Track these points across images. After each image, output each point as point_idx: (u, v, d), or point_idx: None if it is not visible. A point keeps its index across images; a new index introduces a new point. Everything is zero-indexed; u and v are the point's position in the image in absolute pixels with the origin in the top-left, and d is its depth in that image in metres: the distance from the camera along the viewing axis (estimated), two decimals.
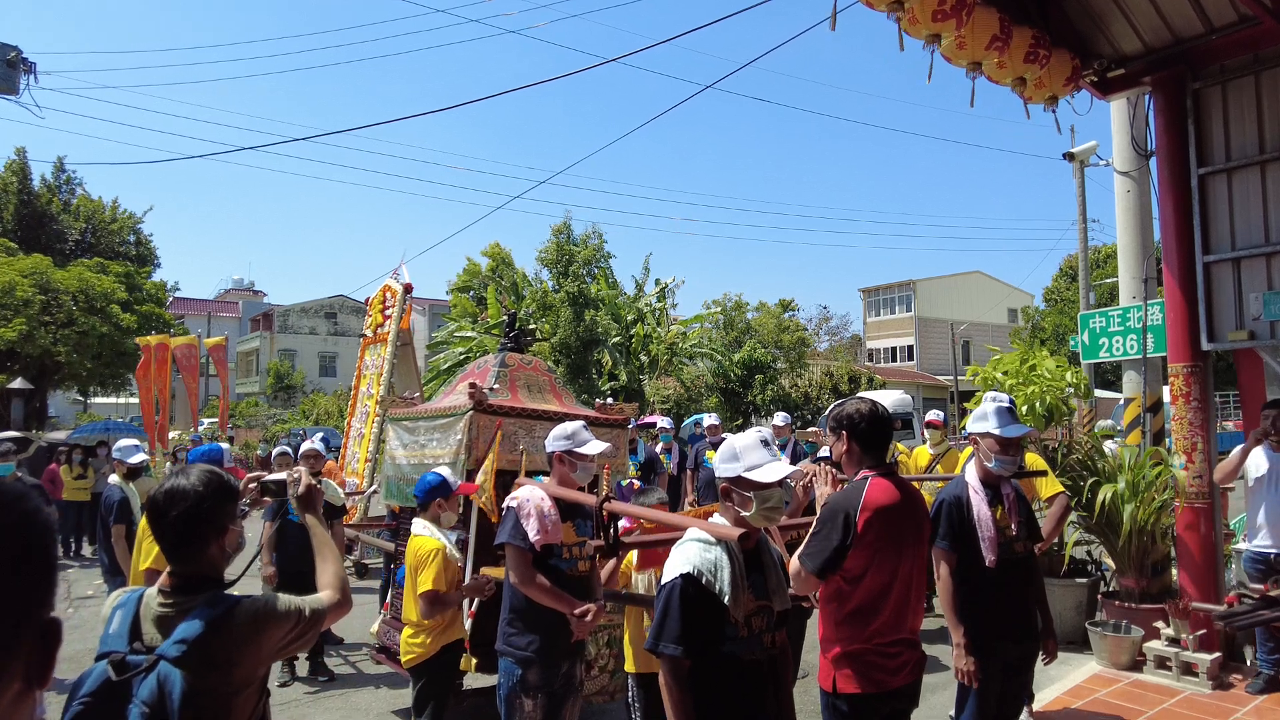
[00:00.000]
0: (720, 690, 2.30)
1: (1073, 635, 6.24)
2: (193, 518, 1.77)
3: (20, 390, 18.51)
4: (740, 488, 2.37)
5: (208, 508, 1.79)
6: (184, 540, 1.79)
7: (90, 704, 1.58)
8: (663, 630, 2.28)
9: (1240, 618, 3.61)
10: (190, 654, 1.58)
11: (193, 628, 1.62)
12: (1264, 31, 5.28)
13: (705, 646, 2.27)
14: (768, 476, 2.31)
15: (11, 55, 11.29)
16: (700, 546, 2.36)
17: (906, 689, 2.81)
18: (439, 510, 3.94)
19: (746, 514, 2.36)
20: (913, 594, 2.84)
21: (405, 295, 8.64)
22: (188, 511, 1.77)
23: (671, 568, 2.35)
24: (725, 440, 2.53)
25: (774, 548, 2.58)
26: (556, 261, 21.63)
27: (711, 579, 2.29)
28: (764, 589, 2.41)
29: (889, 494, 2.76)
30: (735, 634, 2.28)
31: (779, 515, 2.42)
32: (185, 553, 1.80)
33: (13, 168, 25.95)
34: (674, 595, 2.28)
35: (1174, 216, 5.91)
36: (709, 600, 2.27)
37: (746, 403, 25.36)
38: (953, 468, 7.14)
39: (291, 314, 47.91)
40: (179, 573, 1.80)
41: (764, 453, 2.37)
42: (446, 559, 3.75)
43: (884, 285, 47.35)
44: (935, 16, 4.49)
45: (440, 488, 3.92)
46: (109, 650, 1.67)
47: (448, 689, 3.97)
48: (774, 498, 2.35)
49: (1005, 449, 3.33)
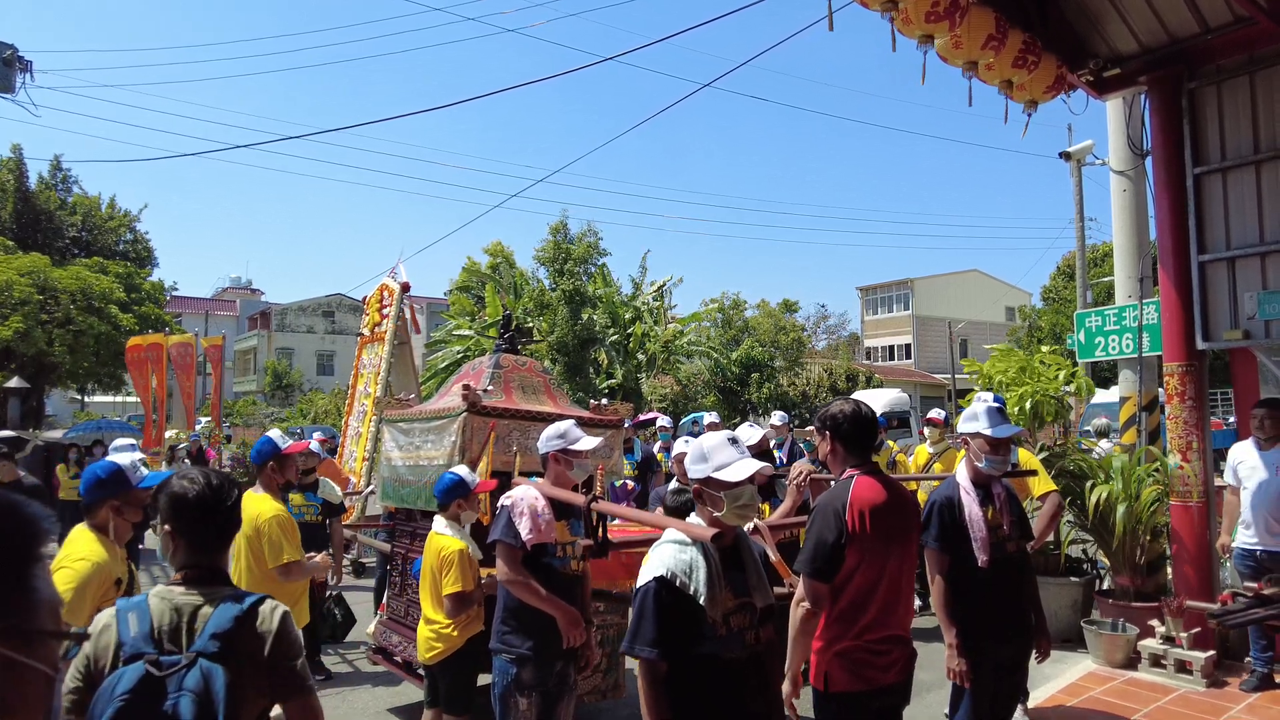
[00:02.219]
0: (701, 689, 2.32)
1: (1068, 633, 6.26)
2: (236, 508, 1.93)
3: (17, 389, 18.48)
4: (711, 488, 2.40)
5: (234, 506, 1.93)
6: (228, 531, 1.94)
7: (130, 700, 1.61)
8: (637, 633, 2.31)
9: (1234, 616, 3.63)
10: (225, 648, 1.70)
11: (224, 621, 1.74)
12: (1259, 32, 5.29)
13: (682, 647, 2.29)
14: (735, 475, 2.34)
15: (8, 54, 11.27)
16: (675, 548, 2.39)
17: (897, 686, 2.84)
18: (459, 509, 3.94)
19: (719, 513, 2.39)
20: (902, 591, 2.85)
21: (403, 294, 8.64)
22: (237, 502, 1.93)
23: (646, 570, 2.38)
24: (693, 443, 2.56)
25: (754, 544, 2.59)
26: (554, 260, 21.62)
27: (686, 580, 2.31)
28: (744, 586, 2.42)
29: (875, 491, 2.79)
30: (713, 633, 2.30)
31: (752, 512, 2.45)
32: (222, 544, 1.95)
33: (9, 165, 25.86)
34: (648, 598, 2.31)
35: (1169, 216, 5.92)
36: (684, 601, 2.29)
37: (744, 401, 25.38)
38: (951, 466, 7.14)
39: (289, 312, 47.85)
40: (203, 564, 1.88)
41: (732, 452, 2.40)
42: (469, 559, 3.78)
43: (882, 284, 47.39)
44: (928, 17, 4.50)
45: (459, 487, 3.91)
46: (138, 651, 1.69)
47: (475, 678, 4.00)
48: (745, 495, 2.37)
49: (995, 449, 3.36)
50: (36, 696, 0.94)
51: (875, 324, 47.31)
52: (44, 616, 0.96)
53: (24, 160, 26.09)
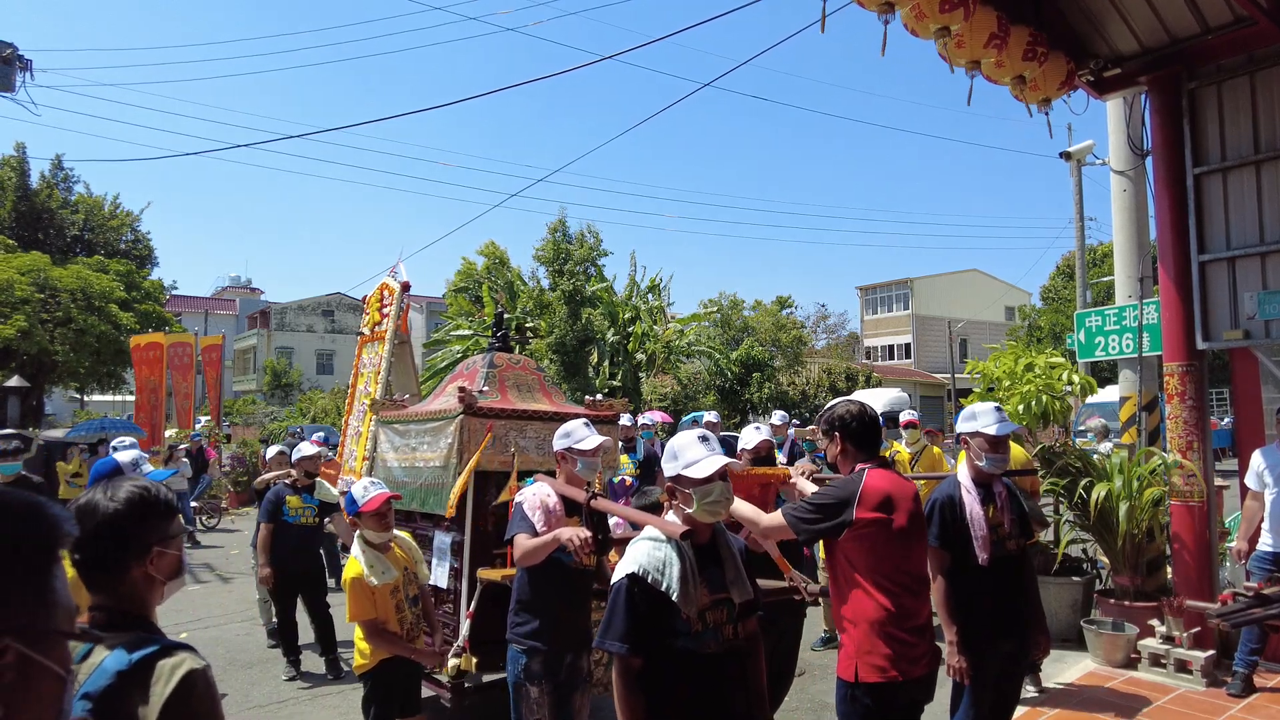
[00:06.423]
0: (677, 685, 2.34)
1: (1068, 633, 6.26)
2: (103, 537, 1.53)
3: (17, 388, 18.46)
4: (682, 485, 2.44)
5: (124, 526, 1.55)
6: (96, 563, 1.55)
7: None
8: (609, 628, 2.35)
9: (1234, 615, 3.63)
10: (97, 710, 1.34)
11: (100, 678, 1.37)
12: (1259, 32, 5.29)
13: (655, 643, 2.32)
14: (703, 471, 2.38)
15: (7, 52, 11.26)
16: (650, 545, 2.42)
17: (925, 678, 2.87)
18: (353, 526, 3.88)
19: (690, 510, 2.42)
20: (924, 581, 2.91)
21: (403, 293, 8.64)
22: (97, 530, 1.53)
23: (620, 568, 2.42)
24: (668, 443, 2.60)
25: (732, 539, 2.61)
26: (553, 259, 21.63)
27: (659, 577, 2.34)
28: (721, 582, 2.44)
29: (887, 481, 2.86)
30: (688, 629, 2.32)
31: (722, 509, 2.47)
32: (98, 579, 1.55)
33: (11, 163, 25.85)
34: (620, 595, 2.35)
35: (1169, 216, 5.92)
36: (656, 598, 2.32)
37: (744, 401, 25.39)
38: (930, 464, 7.21)
39: (289, 311, 47.84)
40: (97, 604, 1.55)
41: (701, 449, 2.44)
42: (363, 587, 3.70)
43: (881, 283, 47.38)
44: (943, 8, 4.50)
45: (349, 504, 3.85)
46: None
47: (389, 702, 3.86)
48: (714, 492, 2.40)
49: (995, 447, 3.37)
50: (51, 697, 0.95)
51: (875, 323, 47.31)
52: (60, 617, 0.97)
53: (27, 159, 26.10)
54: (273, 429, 24.12)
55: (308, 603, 6.23)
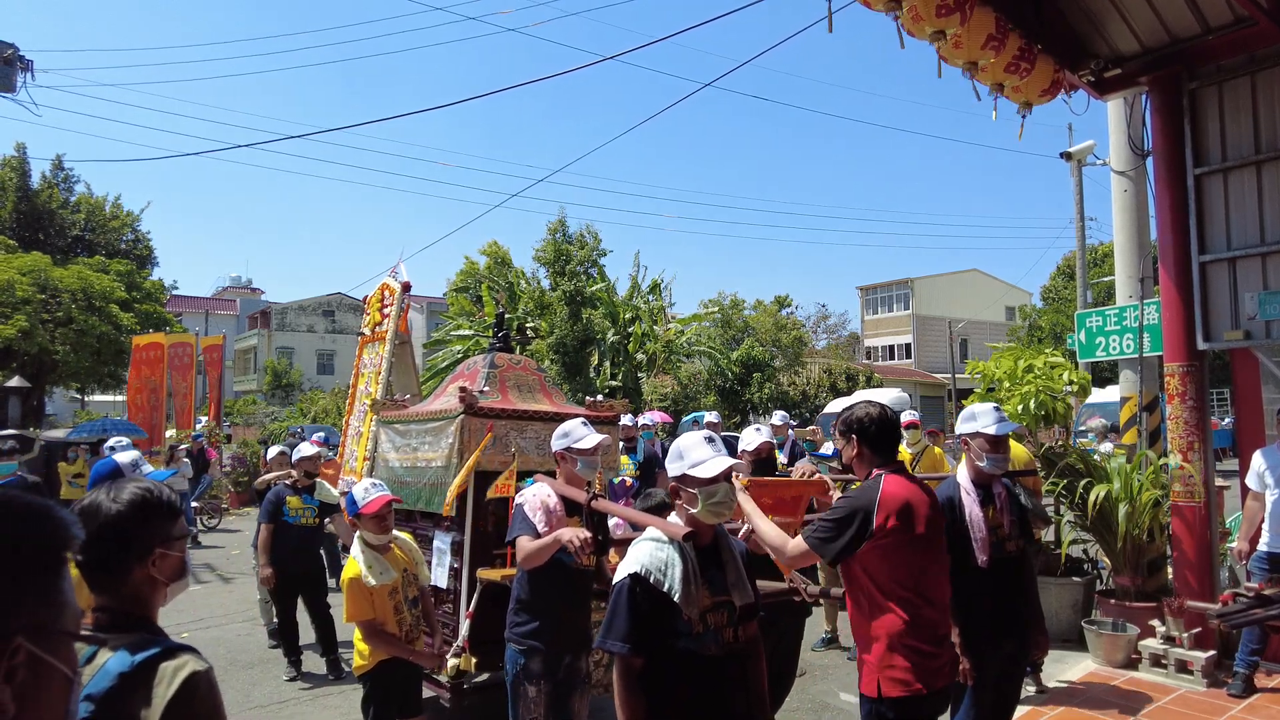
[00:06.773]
0: (677, 686, 2.34)
1: (1068, 633, 6.26)
2: (106, 538, 1.53)
3: (18, 388, 18.47)
4: (687, 485, 2.43)
5: (126, 527, 1.55)
6: (99, 565, 1.55)
7: None
8: (610, 628, 2.34)
9: (1234, 616, 3.63)
10: (99, 713, 1.35)
11: (102, 680, 1.37)
12: (1259, 32, 5.29)
13: (656, 644, 2.31)
14: (708, 472, 2.37)
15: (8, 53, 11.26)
16: (653, 546, 2.41)
17: (947, 690, 2.82)
18: (353, 526, 3.88)
19: (694, 510, 2.41)
20: (944, 589, 2.85)
21: (403, 293, 8.64)
22: (100, 531, 1.53)
23: (622, 568, 2.41)
24: (673, 443, 2.59)
25: (734, 542, 2.60)
26: (554, 260, 21.64)
27: (661, 578, 2.33)
28: (722, 584, 2.43)
29: (905, 488, 2.80)
30: (689, 630, 2.31)
31: (727, 510, 2.46)
32: (101, 580, 1.55)
33: (12, 164, 25.85)
34: (622, 595, 2.34)
35: (1170, 216, 5.92)
36: (658, 598, 2.31)
37: (744, 401, 25.39)
38: (931, 465, 7.22)
39: (289, 311, 47.84)
40: (100, 605, 1.55)
41: (707, 450, 2.43)
42: (360, 587, 3.70)
43: (882, 283, 47.36)
44: (939, 12, 4.50)
45: (349, 505, 3.83)
46: None
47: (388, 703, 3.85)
48: (719, 493, 2.39)
49: (996, 447, 3.36)
50: (58, 697, 0.96)
51: (875, 323, 47.30)
52: (68, 618, 0.98)
53: (27, 159, 26.10)
54: (273, 429, 24.12)
55: (308, 603, 6.24)
